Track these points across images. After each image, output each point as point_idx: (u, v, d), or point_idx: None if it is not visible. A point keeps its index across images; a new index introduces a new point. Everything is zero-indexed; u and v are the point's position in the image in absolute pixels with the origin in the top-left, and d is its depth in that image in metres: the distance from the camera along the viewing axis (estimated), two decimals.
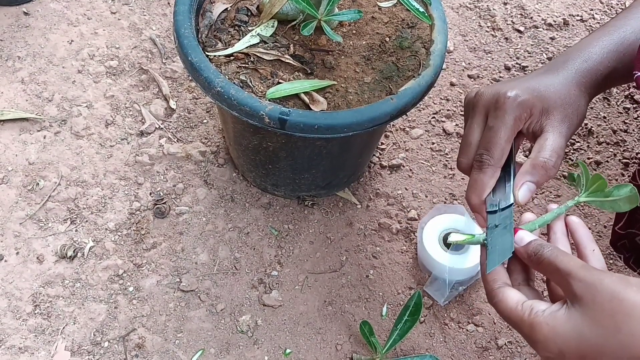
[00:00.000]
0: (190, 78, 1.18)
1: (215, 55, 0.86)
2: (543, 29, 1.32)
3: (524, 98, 0.62)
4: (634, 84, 0.68)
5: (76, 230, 1.00)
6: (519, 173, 0.62)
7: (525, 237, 0.56)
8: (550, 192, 1.11)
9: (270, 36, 0.89)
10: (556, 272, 0.50)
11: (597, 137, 1.18)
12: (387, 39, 0.91)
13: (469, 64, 1.26)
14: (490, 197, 0.63)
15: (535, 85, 0.64)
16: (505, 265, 0.59)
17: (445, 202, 1.07)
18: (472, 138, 0.65)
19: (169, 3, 1.30)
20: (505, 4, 1.35)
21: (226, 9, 0.92)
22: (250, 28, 0.90)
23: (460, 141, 1.14)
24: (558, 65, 0.68)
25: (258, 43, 0.88)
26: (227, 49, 0.87)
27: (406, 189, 1.09)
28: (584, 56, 0.69)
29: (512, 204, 0.62)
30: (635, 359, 0.44)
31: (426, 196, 1.09)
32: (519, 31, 1.31)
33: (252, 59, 0.87)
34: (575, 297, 0.48)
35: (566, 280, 0.49)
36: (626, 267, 0.89)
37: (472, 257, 0.97)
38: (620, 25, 0.72)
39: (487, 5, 1.34)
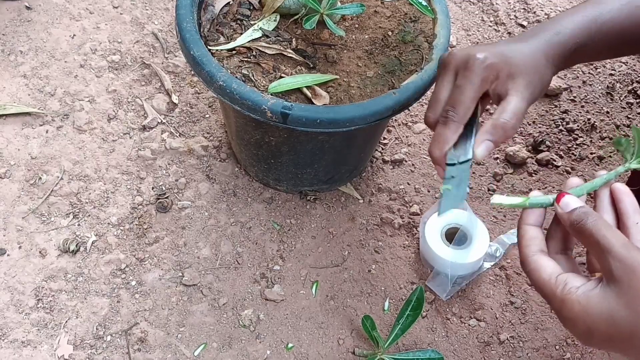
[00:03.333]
0: (192, 72, 1.18)
1: (217, 50, 0.86)
2: None
3: (491, 61, 0.64)
4: None
5: (79, 225, 1.00)
6: (480, 131, 0.64)
7: (571, 202, 0.53)
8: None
9: (272, 30, 0.88)
10: (596, 245, 0.48)
11: (600, 132, 1.17)
12: (390, 33, 0.90)
13: None
14: (452, 151, 0.66)
15: (505, 51, 0.66)
16: (544, 231, 0.57)
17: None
18: (440, 95, 0.67)
19: None
20: None
21: (228, 2, 0.92)
22: (252, 22, 0.90)
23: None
24: (530, 35, 0.70)
25: (260, 37, 0.88)
26: (229, 43, 0.87)
27: (408, 184, 1.09)
28: (555, 29, 0.69)
29: (470, 159, 0.65)
30: None
31: (428, 191, 1.09)
32: (522, 26, 1.31)
33: (254, 53, 0.86)
34: (613, 277, 0.46)
35: (605, 257, 0.47)
36: None
37: (474, 252, 0.97)
38: (599, 2, 0.71)
39: (490, 0, 1.34)
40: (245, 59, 0.86)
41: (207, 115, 1.14)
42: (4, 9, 1.26)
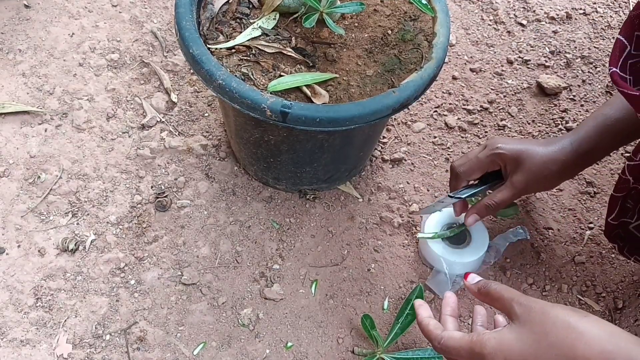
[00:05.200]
0: (191, 71, 1.18)
1: (216, 48, 0.85)
2: (546, 22, 1.31)
3: (503, 153, 0.87)
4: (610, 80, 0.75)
5: (77, 224, 1.00)
6: (472, 206, 0.93)
7: (475, 277, 0.71)
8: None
9: (271, 29, 0.88)
10: (501, 299, 0.63)
11: None
12: (390, 31, 0.90)
13: (471, 57, 1.26)
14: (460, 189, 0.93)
15: (522, 149, 0.86)
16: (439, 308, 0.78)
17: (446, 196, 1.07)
18: (469, 154, 0.91)
19: None
20: None
21: (228, 1, 0.91)
22: (251, 20, 0.90)
23: (461, 134, 1.14)
24: (551, 141, 0.89)
25: (260, 36, 0.88)
26: (228, 41, 0.87)
27: (408, 183, 1.09)
28: (572, 136, 0.88)
29: (465, 196, 0.92)
30: (561, 358, 0.55)
31: (428, 190, 1.09)
32: (522, 25, 1.31)
33: (253, 51, 0.86)
34: (516, 316, 0.60)
35: (509, 304, 0.61)
36: (621, 255, 0.94)
37: (473, 251, 0.97)
38: (606, 105, 0.88)
39: None
40: (245, 58, 0.85)
41: (206, 114, 1.14)
42: (2, 7, 1.26)
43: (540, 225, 1.06)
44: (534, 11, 1.32)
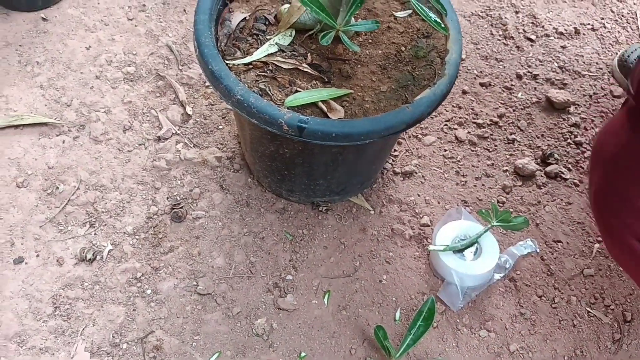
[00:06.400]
0: (207, 85, 1.20)
1: (234, 64, 0.88)
2: (554, 37, 1.33)
3: None
4: None
5: (95, 234, 1.02)
6: None
7: None
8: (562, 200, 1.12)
9: (288, 45, 0.90)
10: None
11: None
12: (403, 48, 0.92)
13: (480, 72, 1.28)
14: None
15: None
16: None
17: (457, 209, 1.08)
18: None
19: (185, 10, 1.32)
20: (516, 12, 1.36)
21: (245, 18, 0.94)
22: (268, 37, 0.92)
23: (471, 148, 1.15)
24: None
25: (276, 52, 0.90)
26: (245, 57, 0.89)
27: (419, 196, 1.11)
28: None
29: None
30: None
31: (438, 202, 1.10)
32: (531, 40, 1.33)
33: (270, 67, 0.88)
34: None
35: None
36: None
37: (484, 264, 0.98)
38: None
39: (499, 14, 1.36)
40: (262, 73, 0.88)
41: (221, 127, 1.16)
42: (20, 20, 1.28)
43: (550, 238, 1.07)
44: (543, 26, 1.34)
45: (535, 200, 1.12)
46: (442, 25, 0.86)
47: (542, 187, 1.14)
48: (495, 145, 1.18)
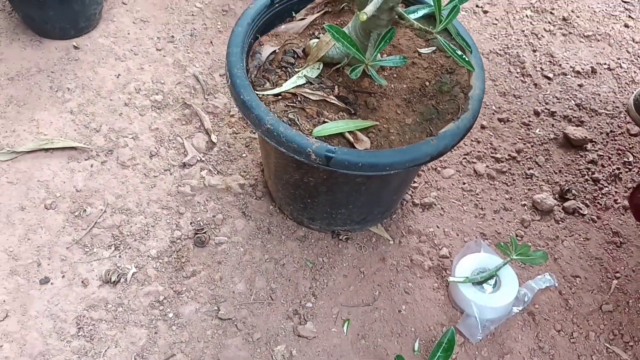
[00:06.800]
0: (231, 114, 1.24)
1: (264, 94, 0.91)
2: (571, 76, 1.36)
3: None
4: None
5: (120, 257, 1.04)
6: None
7: None
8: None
9: (315, 77, 0.94)
10: None
11: (625, 182, 1.20)
12: (427, 83, 0.95)
13: (499, 107, 1.30)
14: None
15: None
16: None
17: (476, 241, 1.10)
18: None
19: (211, 42, 1.36)
20: (534, 51, 1.40)
21: (274, 51, 0.97)
22: (296, 69, 0.95)
23: (489, 182, 1.17)
24: None
25: (304, 84, 0.93)
26: (275, 88, 0.92)
27: (438, 227, 1.12)
28: None
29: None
30: None
31: (457, 234, 1.12)
32: (548, 78, 1.36)
33: (298, 98, 0.91)
34: None
35: None
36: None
37: (503, 296, 0.99)
38: None
39: (517, 52, 1.39)
40: (291, 104, 0.90)
41: (244, 155, 1.19)
42: (52, 48, 1.33)
43: (568, 273, 1.08)
44: (560, 65, 1.37)
45: (553, 235, 1.13)
46: (468, 61, 0.89)
47: (560, 222, 1.15)
48: (514, 180, 1.20)
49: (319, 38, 0.97)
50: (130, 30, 1.38)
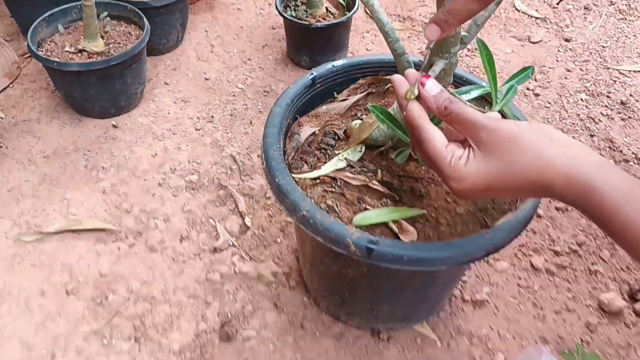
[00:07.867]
0: (267, 196, 1.17)
1: (301, 177, 0.84)
2: (634, 163, 1.26)
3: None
4: None
5: (139, 350, 0.95)
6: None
7: (434, 86, 0.62)
8: None
9: (357, 161, 0.87)
10: (466, 123, 0.58)
11: None
12: None
13: None
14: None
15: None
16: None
17: (536, 347, 0.97)
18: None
19: (251, 122, 1.33)
20: (592, 136, 1.31)
21: (314, 132, 0.91)
22: (336, 152, 0.89)
23: (549, 277, 1.06)
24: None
25: (345, 167, 0.86)
26: (312, 171, 0.85)
27: (491, 328, 1.00)
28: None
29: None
30: (527, 183, 0.54)
31: (514, 338, 0.99)
32: None
33: (338, 183, 0.84)
34: (483, 143, 0.57)
35: (475, 130, 0.57)
36: None
37: None
38: None
39: (574, 137, 1.30)
40: (330, 189, 0.83)
41: (279, 240, 1.11)
42: (91, 126, 1.32)
43: None
44: (621, 151, 1.28)
45: (624, 341, 0.99)
46: None
47: (631, 327, 1.01)
48: (576, 276, 1.08)
49: (361, 119, 0.91)
50: (170, 109, 1.36)
